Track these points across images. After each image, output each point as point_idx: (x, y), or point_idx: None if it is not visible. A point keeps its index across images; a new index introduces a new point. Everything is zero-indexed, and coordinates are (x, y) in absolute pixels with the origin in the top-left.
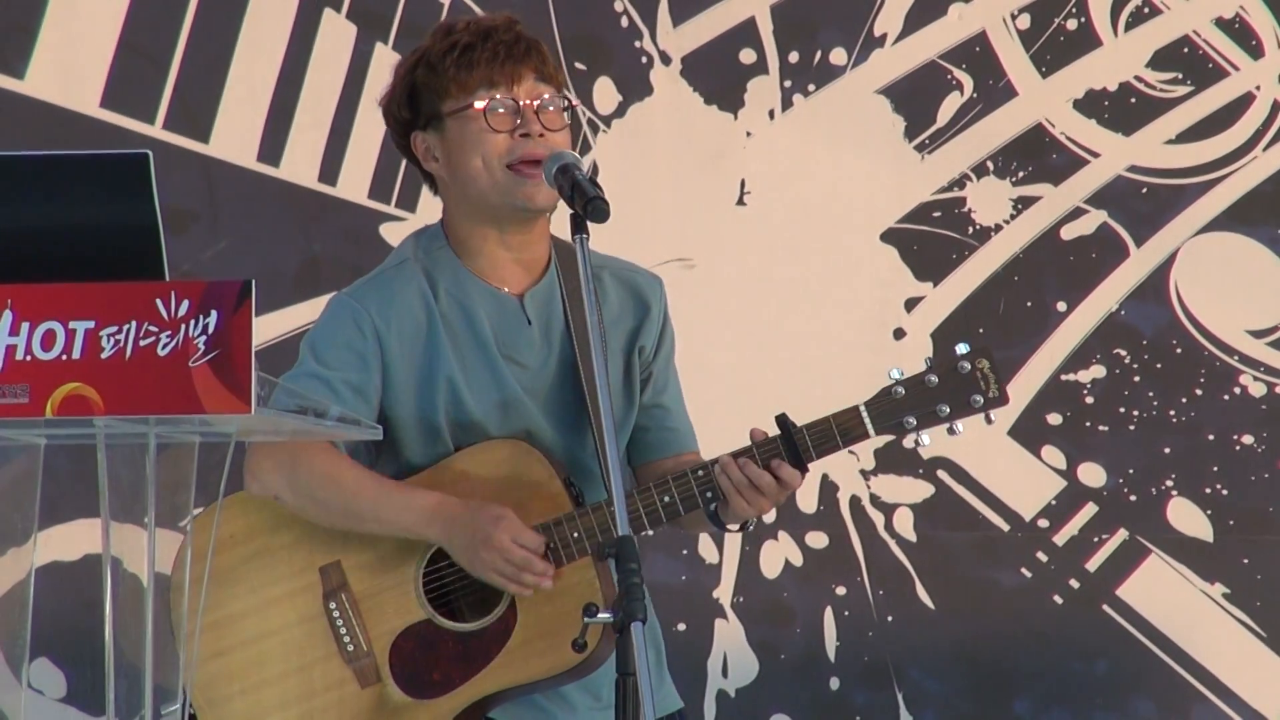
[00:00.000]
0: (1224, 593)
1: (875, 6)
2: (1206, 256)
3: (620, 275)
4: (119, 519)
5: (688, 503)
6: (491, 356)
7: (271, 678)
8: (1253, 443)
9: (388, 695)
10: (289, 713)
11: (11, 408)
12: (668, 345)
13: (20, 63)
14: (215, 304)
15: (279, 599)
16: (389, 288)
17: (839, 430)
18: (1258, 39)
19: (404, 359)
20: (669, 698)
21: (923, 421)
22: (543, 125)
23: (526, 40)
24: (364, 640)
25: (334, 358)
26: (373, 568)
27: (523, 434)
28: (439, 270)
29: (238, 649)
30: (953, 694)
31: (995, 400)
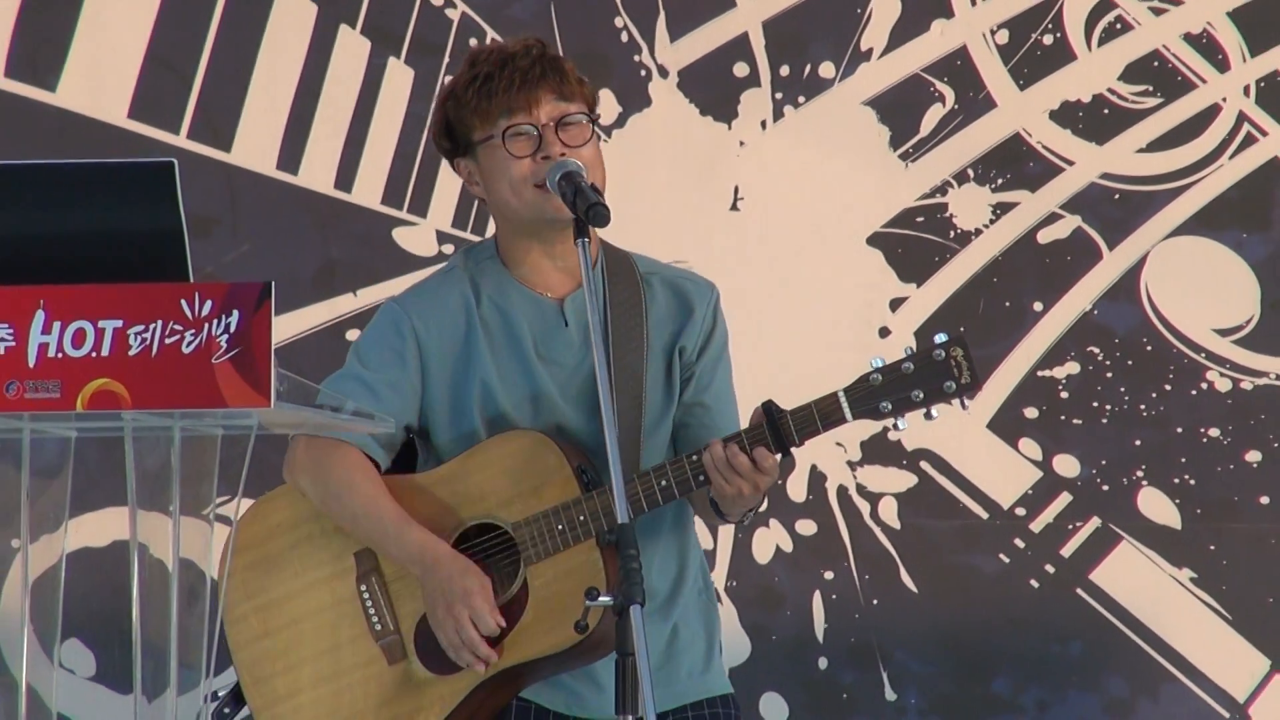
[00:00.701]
0: (1191, 577)
1: (862, 22)
2: (1175, 259)
3: (670, 281)
4: (145, 507)
5: (682, 486)
6: (526, 357)
7: (309, 656)
8: (1219, 435)
9: (412, 671)
10: (323, 690)
11: (44, 402)
12: (713, 348)
13: (52, 76)
14: (237, 304)
15: (318, 582)
16: (433, 293)
17: (819, 415)
18: (1224, 53)
19: (441, 359)
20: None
21: (898, 407)
22: (563, 143)
23: (544, 63)
24: (391, 620)
25: (375, 359)
26: None
27: (553, 428)
28: (485, 279)
29: (281, 630)
30: (935, 673)
31: (967, 386)
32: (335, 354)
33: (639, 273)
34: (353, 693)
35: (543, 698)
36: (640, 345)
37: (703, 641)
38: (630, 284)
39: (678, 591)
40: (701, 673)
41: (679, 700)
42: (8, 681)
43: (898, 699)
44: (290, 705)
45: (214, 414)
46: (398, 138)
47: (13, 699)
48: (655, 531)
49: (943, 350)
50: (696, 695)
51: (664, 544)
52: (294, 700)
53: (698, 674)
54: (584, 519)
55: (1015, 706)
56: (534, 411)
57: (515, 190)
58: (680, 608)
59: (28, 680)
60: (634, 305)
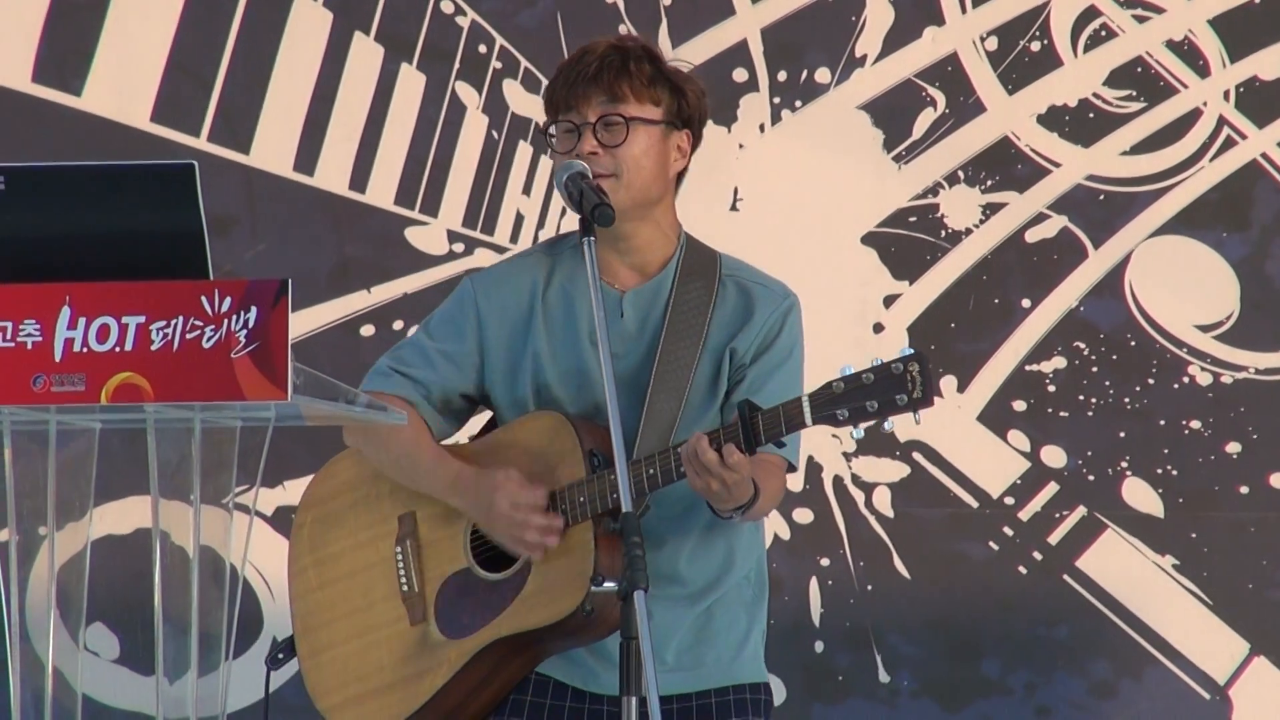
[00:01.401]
0: (1174, 564)
1: (856, 29)
2: (1158, 258)
3: (743, 284)
4: (167, 496)
5: (665, 476)
6: (577, 337)
7: (348, 612)
8: (1200, 427)
9: (429, 633)
10: (354, 644)
11: (70, 395)
12: (773, 355)
13: (77, 82)
14: (255, 301)
15: (366, 542)
16: (505, 271)
17: (785, 417)
18: (1205, 59)
19: (499, 331)
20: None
21: (854, 415)
22: (599, 142)
23: (605, 62)
24: (418, 582)
25: (438, 330)
26: (438, 519)
27: (591, 407)
28: (561, 265)
29: (332, 584)
30: (927, 656)
31: (918, 401)
32: (350, 349)
33: (720, 273)
34: (378, 649)
35: (559, 672)
36: (696, 342)
37: (740, 629)
38: (705, 283)
39: (720, 581)
40: (731, 660)
41: (704, 684)
42: (35, 663)
43: (891, 680)
44: (328, 656)
45: (233, 407)
46: (410, 140)
47: (40, 680)
48: (689, 523)
49: (901, 364)
50: (723, 681)
51: (699, 537)
52: (331, 652)
53: (727, 661)
54: (584, 500)
55: (1004, 688)
56: (578, 388)
57: (558, 184)
58: (719, 595)
59: (54, 662)
60: (701, 303)
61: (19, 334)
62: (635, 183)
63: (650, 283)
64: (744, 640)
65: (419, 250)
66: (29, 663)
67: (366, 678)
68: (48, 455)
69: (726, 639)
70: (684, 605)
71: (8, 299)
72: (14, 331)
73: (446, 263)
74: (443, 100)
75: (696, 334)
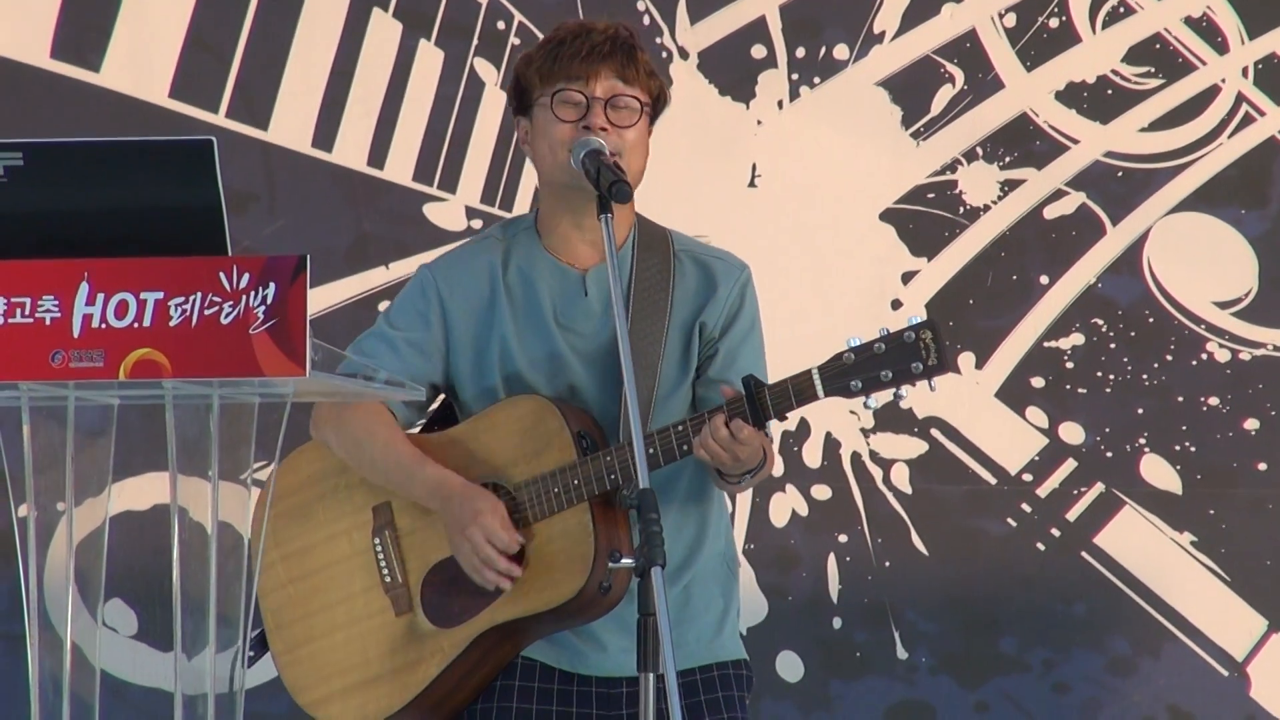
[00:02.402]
0: (1192, 541)
1: (875, 6)
2: (1176, 234)
3: (700, 259)
4: (185, 472)
5: (668, 454)
6: (543, 321)
7: (326, 605)
8: (1218, 404)
9: (417, 623)
10: (336, 637)
11: (88, 371)
12: (739, 326)
13: (96, 58)
14: (273, 277)
15: (339, 534)
16: (462, 259)
17: (794, 391)
18: (1223, 36)
19: (463, 319)
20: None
21: (867, 385)
22: (609, 120)
23: (615, 42)
24: (400, 573)
25: (401, 320)
26: (416, 508)
27: (566, 390)
28: (517, 248)
29: (303, 578)
30: (944, 633)
31: (934, 368)
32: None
33: (673, 249)
34: (363, 641)
35: (546, 655)
36: (662, 318)
37: (718, 608)
38: (661, 259)
39: (693, 558)
40: (712, 638)
41: (688, 663)
42: (54, 639)
43: (909, 657)
44: (306, 651)
45: (251, 383)
46: (428, 117)
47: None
48: (667, 500)
49: (913, 332)
50: (706, 659)
51: (676, 512)
52: (310, 646)
53: (707, 639)
54: (578, 483)
55: (1022, 664)
56: (550, 372)
57: (553, 151)
58: (694, 573)
59: (73, 638)
60: (661, 280)
61: (38, 310)
62: (634, 167)
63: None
64: (723, 618)
65: (437, 226)
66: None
67: (351, 670)
68: (66, 431)
69: (705, 618)
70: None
71: (27, 275)
72: (33, 307)
73: (465, 238)
74: (461, 76)
75: (661, 310)
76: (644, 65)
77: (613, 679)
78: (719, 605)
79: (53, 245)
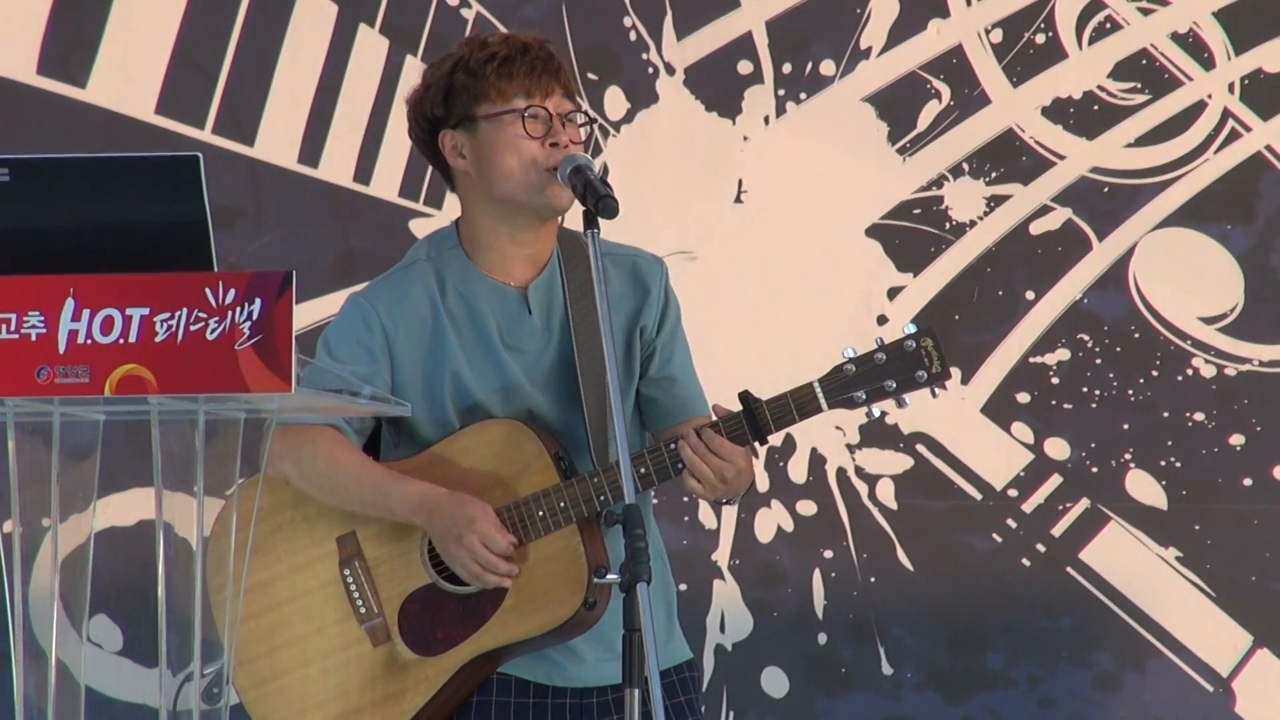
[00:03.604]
0: (1177, 556)
1: (861, 22)
2: (1162, 250)
3: (621, 261)
4: (170, 488)
5: (661, 473)
6: (493, 347)
7: (294, 638)
8: (1204, 420)
9: (397, 653)
10: (309, 670)
11: (74, 387)
12: (670, 320)
13: (82, 73)
14: (259, 293)
15: (302, 567)
16: (398, 287)
17: (795, 405)
18: (1209, 52)
19: (410, 352)
20: (679, 649)
21: (871, 396)
22: (567, 137)
23: (555, 60)
24: (375, 603)
25: (345, 352)
26: (384, 537)
27: (524, 414)
28: (448, 269)
29: (265, 613)
30: (930, 648)
31: (938, 376)
32: None
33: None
34: (339, 673)
35: (521, 670)
36: (598, 330)
37: (662, 610)
38: (584, 266)
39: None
40: (664, 643)
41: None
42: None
43: (894, 673)
44: (276, 685)
45: (237, 398)
46: None
47: (43, 672)
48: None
49: (913, 341)
50: (664, 664)
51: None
52: (279, 681)
53: (661, 644)
54: (564, 505)
55: (1007, 680)
56: (505, 399)
57: (524, 168)
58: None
59: (57, 654)
60: (588, 289)
61: (23, 325)
62: None
63: (544, 274)
64: (669, 619)
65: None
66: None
67: (329, 703)
68: (51, 447)
69: (658, 621)
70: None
71: (12, 290)
72: (18, 323)
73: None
74: None
75: (595, 318)
76: (573, 80)
77: (586, 689)
78: (663, 608)
79: (39, 261)
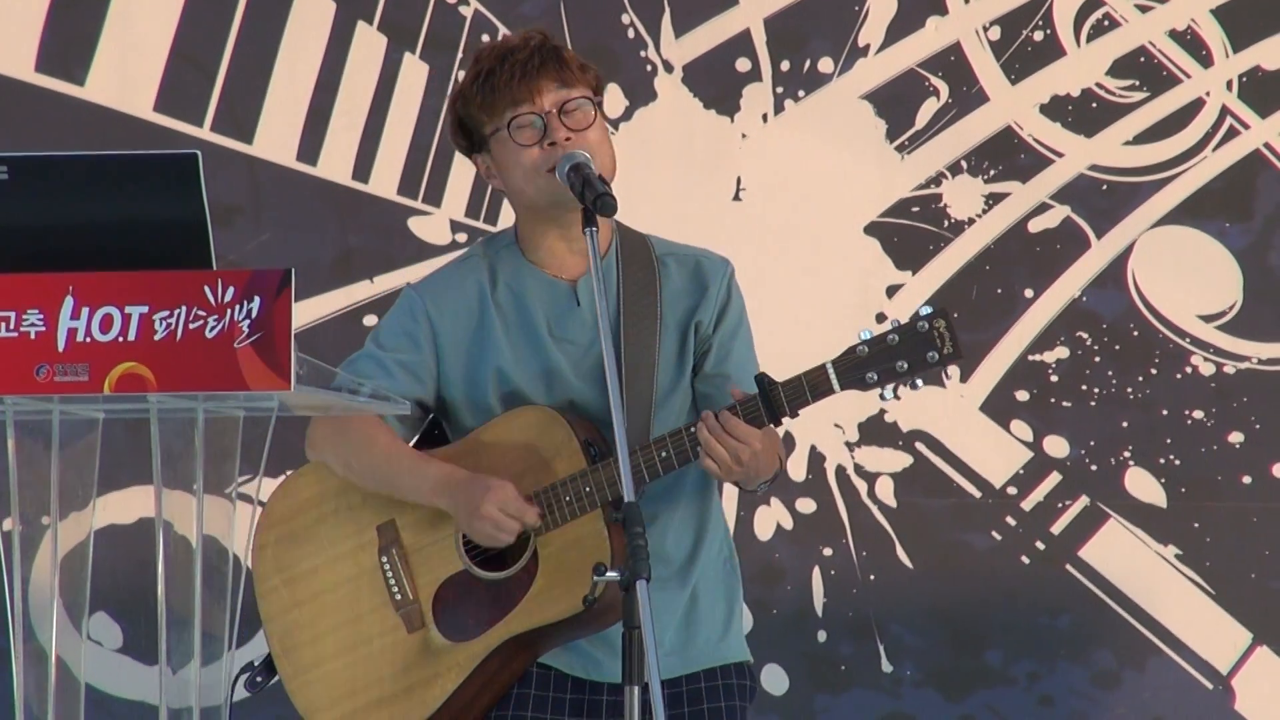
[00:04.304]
0: (1176, 554)
1: (859, 19)
2: (1161, 248)
3: (684, 259)
4: (170, 486)
5: (681, 457)
6: (538, 338)
7: (334, 626)
8: (1203, 417)
9: (431, 639)
10: (347, 657)
11: (73, 385)
12: (729, 319)
13: (80, 71)
14: (258, 290)
15: (343, 555)
16: (449, 279)
17: (809, 386)
18: (1207, 49)
19: (455, 342)
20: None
21: (883, 377)
22: (568, 128)
23: (543, 53)
24: (411, 590)
25: (390, 341)
26: (421, 525)
27: (566, 404)
28: (502, 265)
29: (309, 601)
30: (930, 646)
31: (950, 356)
32: (353, 338)
33: (654, 254)
34: (375, 660)
35: (560, 662)
36: (654, 323)
37: (722, 609)
38: (645, 265)
39: (694, 558)
40: (719, 640)
41: (694, 666)
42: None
43: (894, 670)
44: (317, 673)
45: (236, 396)
46: (413, 130)
47: (43, 669)
48: (674, 499)
49: (926, 322)
50: (712, 662)
51: (682, 511)
52: (320, 669)
53: (715, 641)
54: (589, 490)
55: (1006, 678)
56: (547, 388)
57: (528, 178)
58: (699, 574)
59: (57, 651)
60: (648, 285)
61: (22, 324)
62: (605, 165)
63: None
64: (728, 619)
65: (422, 240)
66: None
67: (364, 690)
68: (51, 445)
69: (712, 619)
70: (674, 586)
71: (11, 289)
72: (17, 321)
73: (449, 252)
74: (446, 90)
75: (652, 314)
76: (575, 62)
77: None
78: (723, 607)
79: (37, 259)
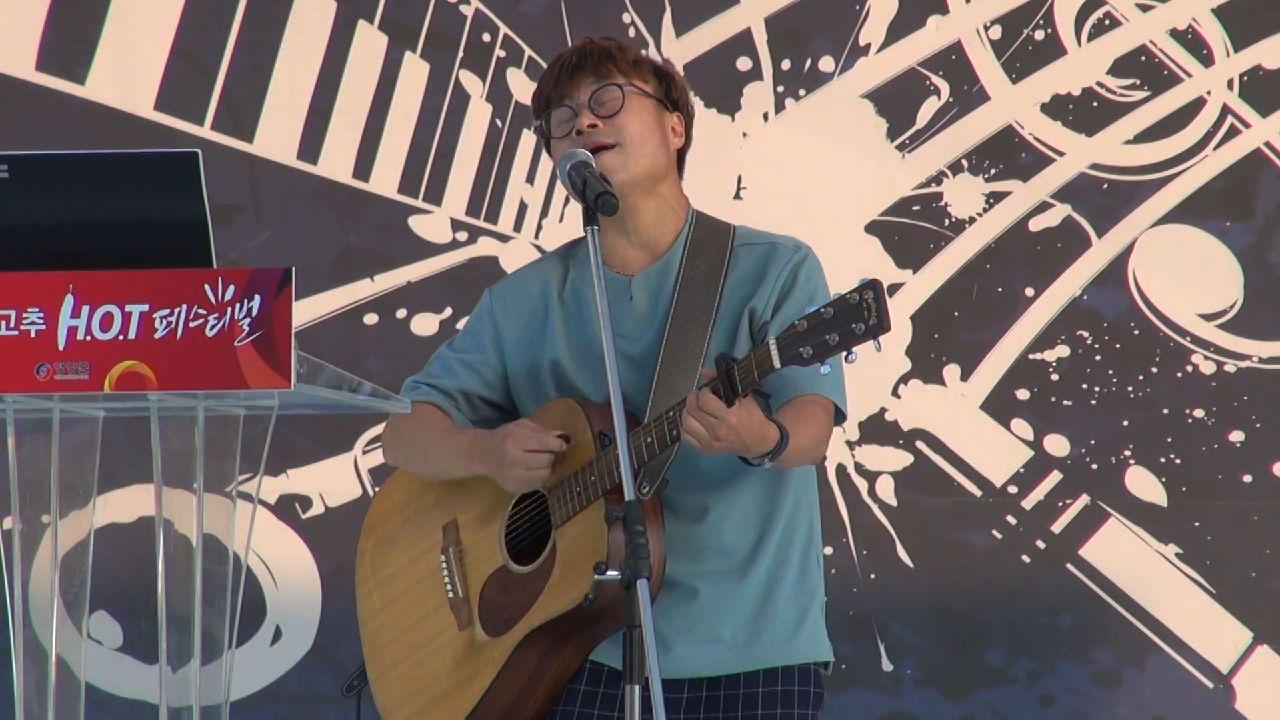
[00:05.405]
0: (1177, 553)
1: (860, 18)
2: (1161, 246)
3: (757, 248)
4: (170, 485)
5: (661, 441)
6: (592, 331)
7: (407, 628)
8: (1203, 416)
9: (475, 635)
10: (416, 657)
11: (73, 383)
12: (792, 305)
13: (81, 70)
14: (259, 289)
15: (417, 557)
16: (520, 280)
17: (756, 364)
18: (1208, 48)
19: (519, 339)
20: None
21: (817, 351)
22: (595, 115)
23: (586, 53)
24: (462, 588)
25: (461, 341)
26: (477, 522)
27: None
28: (576, 263)
29: (392, 603)
30: (930, 645)
31: (874, 328)
32: (353, 337)
33: (733, 244)
34: (434, 659)
35: (611, 658)
36: (707, 317)
37: (796, 608)
38: (715, 257)
39: (760, 552)
40: (787, 639)
41: (757, 664)
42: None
43: (894, 669)
44: (394, 675)
45: (236, 395)
46: (413, 129)
47: (43, 668)
48: (733, 493)
49: (857, 294)
50: (778, 661)
51: (743, 504)
52: (397, 669)
53: (783, 640)
54: (594, 479)
55: (1007, 677)
56: (595, 380)
57: (560, 169)
58: (768, 569)
59: (58, 650)
60: (711, 277)
61: (22, 322)
62: (641, 153)
63: (659, 262)
64: (802, 616)
65: (422, 239)
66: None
67: (426, 688)
68: (51, 443)
69: (784, 618)
70: (734, 578)
71: (11, 287)
72: (17, 319)
73: (450, 251)
74: (446, 89)
75: (708, 305)
76: (625, 58)
77: (676, 681)
78: (798, 602)
79: (38, 257)
